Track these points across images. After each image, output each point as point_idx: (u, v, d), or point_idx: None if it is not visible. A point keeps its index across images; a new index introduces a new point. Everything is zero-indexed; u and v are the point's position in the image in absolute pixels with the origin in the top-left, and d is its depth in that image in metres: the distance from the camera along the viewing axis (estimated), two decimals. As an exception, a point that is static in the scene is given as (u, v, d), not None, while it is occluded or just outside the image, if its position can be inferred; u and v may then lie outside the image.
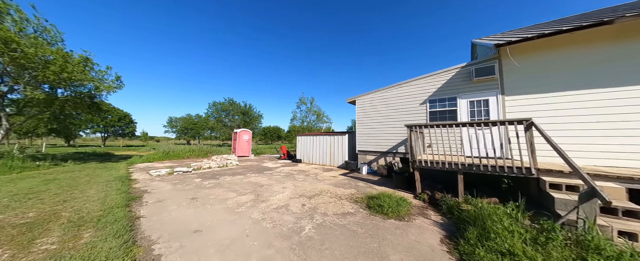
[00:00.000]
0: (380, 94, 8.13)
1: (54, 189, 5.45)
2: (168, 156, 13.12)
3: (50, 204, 4.27)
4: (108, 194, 5.01)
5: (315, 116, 23.06)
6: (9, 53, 7.01)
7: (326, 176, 7.53)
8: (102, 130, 38.76)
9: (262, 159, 13.94)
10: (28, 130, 19.71)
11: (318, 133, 10.99)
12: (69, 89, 10.59)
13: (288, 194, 5.13)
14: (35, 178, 7.03)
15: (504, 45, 4.85)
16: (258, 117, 41.36)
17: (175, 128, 61.45)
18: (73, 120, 16.18)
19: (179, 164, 10.99)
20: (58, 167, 9.85)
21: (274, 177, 7.37)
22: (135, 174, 7.93)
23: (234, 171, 8.73)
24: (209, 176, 7.50)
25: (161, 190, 5.61)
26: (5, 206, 4.09)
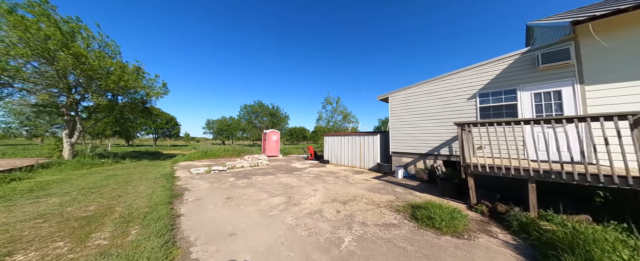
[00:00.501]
0: (416, 89, 7.38)
1: (113, 185, 6.02)
2: (206, 155, 13.99)
3: (107, 199, 4.66)
4: (154, 191, 5.33)
5: (341, 116, 22.50)
6: (80, 66, 8.13)
7: (358, 179, 7.08)
8: (153, 131, 43.76)
9: (290, 159, 14.01)
10: (98, 132, 23.08)
11: (346, 133, 10.53)
12: (126, 96, 11.98)
13: (320, 197, 4.85)
14: (100, 174, 7.96)
15: (586, 21, 3.87)
16: (285, 119, 42.35)
17: (212, 130, 66.67)
18: (131, 123, 18.42)
19: (215, 163, 11.58)
20: (118, 164, 11.16)
21: (303, 178, 7.19)
22: (178, 172, 8.49)
23: (264, 171, 8.81)
24: (242, 176, 7.65)
25: (199, 188, 5.81)
26: (73, 199, 4.57)
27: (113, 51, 9.80)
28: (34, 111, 10.30)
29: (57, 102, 9.54)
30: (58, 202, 4.36)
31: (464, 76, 6.19)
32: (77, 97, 9.70)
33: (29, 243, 2.72)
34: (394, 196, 4.92)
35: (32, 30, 7.06)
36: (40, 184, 5.93)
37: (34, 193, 5.08)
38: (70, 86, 9.27)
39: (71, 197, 4.73)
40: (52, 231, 3.05)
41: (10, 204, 4.18)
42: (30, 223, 3.32)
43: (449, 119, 6.40)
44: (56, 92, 9.03)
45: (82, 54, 7.82)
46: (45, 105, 9.50)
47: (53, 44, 7.41)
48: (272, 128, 42.84)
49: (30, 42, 7.14)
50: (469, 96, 6.04)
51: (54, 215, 3.68)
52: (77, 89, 9.51)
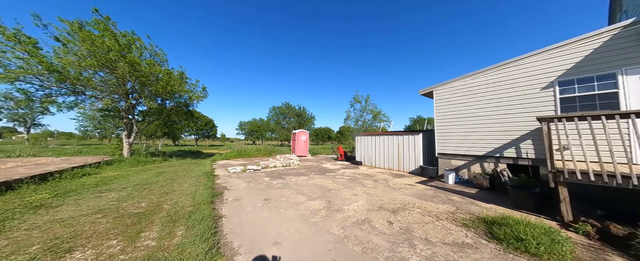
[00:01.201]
0: (469, 81, 6.35)
1: (161, 182, 6.33)
2: (241, 155, 14.47)
3: (157, 195, 4.81)
4: (197, 189, 5.40)
5: (370, 114, 21.26)
6: (135, 73, 8.93)
7: (400, 183, 6.35)
8: (194, 133, 47.81)
9: (319, 159, 13.69)
10: (151, 133, 25.79)
11: (381, 133, 9.76)
12: (172, 101, 12.98)
13: (363, 204, 4.33)
14: (151, 171, 8.59)
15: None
16: (311, 119, 42.47)
17: (244, 130, 70.53)
18: (176, 125, 20.13)
19: (250, 162, 11.81)
20: (166, 162, 12.11)
21: (338, 180, 6.73)
22: (217, 170, 8.76)
23: (297, 171, 8.58)
24: (276, 176, 7.51)
25: (238, 188, 5.76)
26: (128, 195, 4.81)
27: (161, 59, 10.66)
28: (102, 115, 11.71)
29: (118, 106, 10.70)
30: (116, 197, 4.61)
31: (536, 62, 5.05)
32: (133, 102, 10.78)
33: (87, 240, 2.75)
34: (452, 206, 4.15)
35: (97, 44, 7.95)
36: (104, 180, 6.51)
37: (98, 187, 5.54)
38: (127, 92, 10.30)
39: (127, 193, 5.00)
40: (108, 228, 3.09)
41: (79, 198, 4.53)
42: (92, 218, 3.46)
43: (515, 114, 5.31)
44: (117, 98, 10.12)
45: (136, 62, 8.60)
46: (109, 109, 10.76)
47: (113, 55, 8.25)
48: (299, 129, 43.41)
49: (96, 54, 8.05)
50: (543, 84, 4.90)
51: (111, 210, 3.83)
52: (133, 95, 10.55)
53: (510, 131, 5.36)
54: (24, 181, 5.25)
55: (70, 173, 6.85)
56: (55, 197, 4.54)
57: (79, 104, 9.90)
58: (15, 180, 5.05)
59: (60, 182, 5.98)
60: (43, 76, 8.27)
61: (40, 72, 8.15)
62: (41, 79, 8.36)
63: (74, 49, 8.18)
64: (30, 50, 7.48)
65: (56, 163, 8.10)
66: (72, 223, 3.26)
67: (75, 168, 7.23)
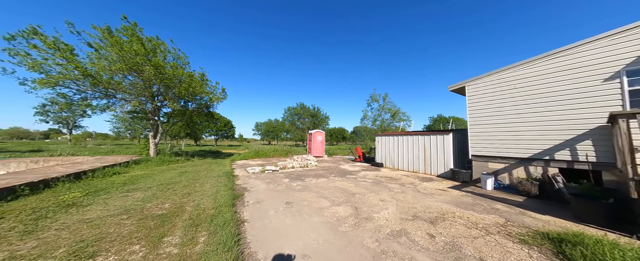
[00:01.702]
0: (510, 73, 5.64)
1: (184, 182, 6.34)
2: (258, 155, 14.52)
3: (179, 196, 4.74)
4: (219, 190, 5.28)
5: (389, 114, 20.26)
6: (160, 76, 9.20)
7: (430, 188, 5.80)
8: (214, 133, 49.58)
9: (336, 160, 13.30)
10: (174, 134, 27.02)
11: (404, 133, 9.15)
12: (194, 102, 13.34)
13: (394, 211, 3.90)
14: (175, 170, 8.76)
15: None
16: (325, 119, 42.12)
17: (260, 131, 72.04)
18: (198, 126, 20.83)
19: (267, 163, 11.74)
20: (189, 161, 12.43)
21: (361, 183, 6.32)
22: (236, 171, 8.72)
23: (315, 172, 8.28)
24: (295, 177, 7.27)
25: (258, 189, 5.58)
26: (153, 195, 4.79)
27: (183, 62, 10.94)
28: (131, 117, 12.28)
29: (145, 108, 11.15)
30: (141, 197, 4.61)
31: (594, 49, 4.29)
32: (158, 104, 11.19)
33: (111, 243, 2.64)
34: (500, 217, 3.59)
35: (126, 48, 8.28)
36: (131, 179, 6.66)
37: (126, 186, 5.63)
38: (153, 94, 10.70)
39: (152, 193, 5.00)
40: (131, 231, 2.98)
41: (108, 198, 4.58)
42: (117, 219, 3.40)
43: (569, 110, 4.57)
44: (144, 100, 10.53)
45: (161, 65, 8.87)
46: (137, 111, 11.25)
47: (140, 59, 8.55)
48: (313, 129, 43.32)
49: (125, 59, 8.39)
50: (606, 75, 4.13)
51: (136, 211, 3.77)
52: (158, 97, 10.95)
53: (563, 130, 4.62)
54: (60, 180, 5.46)
55: (102, 171, 7.12)
56: (87, 196, 4.63)
57: (110, 107, 10.43)
58: (52, 179, 5.26)
59: (93, 181, 6.20)
60: (79, 80, 8.78)
61: (76, 77, 8.66)
62: (77, 84, 8.89)
63: (105, 54, 8.59)
64: (67, 56, 7.96)
65: (90, 162, 8.53)
66: (99, 223, 3.21)
67: (106, 167, 7.52)
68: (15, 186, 4.35)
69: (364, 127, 20.68)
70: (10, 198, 4.15)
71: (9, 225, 3.09)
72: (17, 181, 4.58)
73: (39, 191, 4.74)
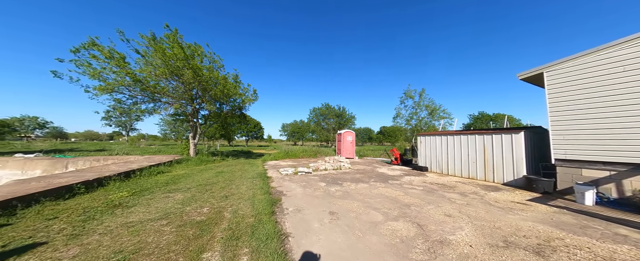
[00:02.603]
0: (619, 51, 4.22)
1: (221, 183, 6.17)
2: (288, 155, 14.31)
3: (217, 200, 4.46)
4: (255, 194, 4.92)
5: (426, 111, 18.12)
6: (197, 78, 9.45)
7: (501, 200, 4.65)
8: (245, 134, 51.98)
9: (369, 162, 12.35)
10: (211, 135, 28.71)
11: (456, 132, 7.86)
12: (228, 104, 13.69)
13: (472, 232, 3.00)
14: (212, 170, 8.85)
15: None
16: (351, 119, 40.83)
17: (286, 132, 73.70)
18: (231, 128, 21.67)
19: (298, 164, 11.36)
20: (224, 161, 12.73)
21: (410, 191, 5.41)
22: (269, 172, 8.45)
23: (352, 176, 7.54)
24: (331, 181, 6.64)
25: (294, 194, 5.09)
26: (192, 197, 4.60)
27: (218, 65, 11.21)
28: (174, 119, 13.04)
29: (185, 111, 11.69)
30: (181, 199, 4.43)
31: None
32: (197, 107, 11.66)
33: (148, 257, 2.30)
34: (638, 249, 2.45)
35: (168, 54, 8.64)
36: (173, 178, 6.75)
37: (167, 186, 5.63)
38: (192, 97, 11.14)
39: (191, 194, 4.84)
40: (170, 242, 2.65)
41: (151, 198, 4.51)
42: (157, 225, 3.15)
43: None
44: (184, 103, 11.03)
45: (198, 68, 9.12)
46: (178, 114, 11.89)
47: (180, 63, 8.86)
48: (339, 129, 42.43)
49: (167, 63, 8.78)
50: None
51: (176, 216, 3.52)
52: (196, 100, 11.39)
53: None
54: (112, 178, 5.67)
55: (148, 170, 7.41)
56: (132, 196, 4.62)
57: (156, 110, 11.13)
58: (105, 177, 5.47)
59: (140, 179, 6.40)
60: (130, 86, 9.46)
61: (129, 84, 9.35)
62: (129, 89, 9.60)
63: (151, 60, 9.11)
64: (120, 64, 8.59)
65: (139, 161, 9.08)
66: (139, 230, 2.97)
67: (152, 167, 7.84)
68: (73, 184, 4.51)
69: (396, 127, 18.87)
70: (68, 196, 4.29)
71: (59, 226, 3.02)
72: (75, 180, 4.78)
73: (93, 190, 4.91)
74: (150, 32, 9.00)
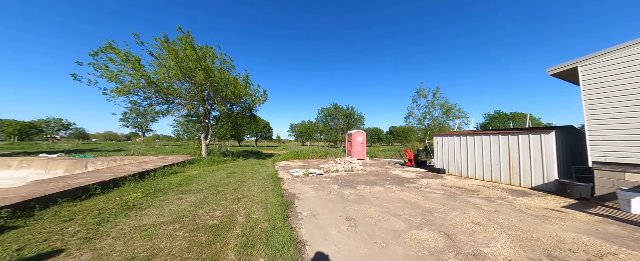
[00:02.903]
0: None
1: (232, 184, 6.08)
2: (298, 156, 14.17)
3: (229, 202, 4.34)
4: (267, 196, 4.77)
5: (440, 110, 17.22)
6: (209, 79, 9.50)
7: (533, 206, 4.24)
8: (254, 135, 52.58)
9: (381, 163, 11.98)
10: (221, 135, 29.17)
11: (475, 132, 7.39)
12: (238, 105, 13.74)
13: (508, 244, 2.68)
14: (223, 170, 8.83)
15: None
16: (360, 119, 40.24)
17: (294, 132, 73.98)
18: (242, 128, 21.88)
19: (308, 164, 11.18)
20: (235, 161, 12.78)
21: (430, 196, 5.08)
22: (280, 173, 8.32)
23: (365, 178, 7.26)
24: (344, 183, 6.39)
25: (307, 197, 4.90)
26: (204, 199, 4.50)
27: (229, 66, 11.27)
28: (186, 120, 13.22)
29: (198, 112, 11.83)
30: (193, 201, 4.35)
31: None
32: (208, 108, 11.77)
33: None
34: None
35: (180, 56, 8.73)
36: (186, 179, 6.75)
37: (180, 187, 5.59)
38: (204, 98, 11.25)
39: (203, 196, 4.75)
40: (182, 248, 2.52)
41: (164, 200, 4.45)
42: (170, 229, 3.04)
43: None
44: (196, 104, 11.16)
45: (209, 69, 9.18)
46: (191, 115, 12.06)
47: (192, 64, 8.94)
48: (348, 129, 41.96)
49: (179, 65, 8.88)
50: None
51: (188, 219, 3.41)
52: (208, 101, 11.49)
53: None
54: (127, 179, 5.71)
55: (162, 171, 7.46)
56: (146, 197, 4.60)
57: (169, 111, 11.32)
58: (120, 178, 5.50)
59: (154, 180, 6.43)
60: (145, 88, 9.65)
61: (143, 86, 9.54)
62: (144, 91, 9.79)
63: (164, 62, 9.25)
64: (135, 66, 8.77)
65: (154, 162, 9.21)
66: (152, 234, 2.87)
67: (165, 167, 7.91)
68: (89, 185, 4.54)
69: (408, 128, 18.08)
70: (85, 197, 4.31)
71: (74, 229, 2.98)
72: (92, 180, 4.81)
73: (109, 190, 4.94)
74: (163, 35, 9.14)
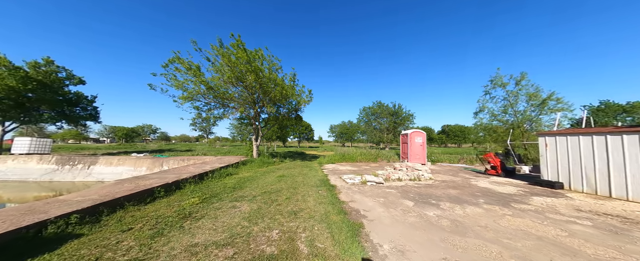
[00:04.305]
0: None
1: (285, 190, 5.44)
2: (344, 158, 13.12)
3: (286, 217, 3.61)
4: (327, 212, 3.85)
5: (527, 102, 12.59)
6: (258, 80, 9.44)
7: None
8: (297, 136, 54.21)
9: (451, 170, 9.77)
10: (268, 137, 30.65)
11: (624, 129, 4.78)
12: (285, 107, 13.64)
13: None
14: (273, 173, 8.51)
15: None
16: (409, 117, 36.22)
17: (334, 133, 73.32)
18: (287, 130, 22.25)
19: (359, 169, 9.99)
20: (282, 163, 12.65)
21: (571, 228, 3.26)
22: (331, 178, 7.41)
23: (445, 192, 5.60)
24: (418, 198, 4.96)
25: (378, 216, 3.76)
26: (258, 211, 3.89)
27: (276, 67, 11.13)
28: (239, 123, 13.85)
29: (249, 115, 12.15)
30: (247, 213, 3.77)
31: None
32: (258, 110, 11.95)
33: None
34: None
35: (232, 60, 8.91)
36: (240, 182, 6.52)
37: (234, 192, 5.25)
38: (255, 101, 11.40)
39: (257, 206, 4.18)
40: (234, 301, 1.74)
41: (218, 207, 4.05)
42: (221, 255, 2.40)
43: None
44: (248, 107, 11.43)
45: (259, 69, 9.11)
46: (243, 118, 12.53)
47: (243, 67, 9.01)
48: (393, 130, 38.60)
49: (232, 69, 9.08)
50: None
51: (242, 240, 2.75)
52: (258, 103, 11.66)
53: None
54: (188, 181, 5.73)
55: (219, 172, 7.53)
56: (202, 203, 4.30)
57: (225, 115, 11.93)
58: (182, 180, 5.52)
59: (211, 182, 6.40)
60: (205, 94, 10.29)
61: (204, 92, 10.18)
62: (204, 97, 10.48)
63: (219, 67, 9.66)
64: (196, 73, 9.38)
65: (212, 162, 9.64)
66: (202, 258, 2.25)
67: (222, 168, 8.01)
68: (154, 188, 4.52)
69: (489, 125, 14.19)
70: (149, 200, 4.26)
71: (128, 244, 2.64)
72: (158, 183, 4.85)
73: (171, 193, 4.91)
74: (218, 39, 9.55)
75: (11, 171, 12.37)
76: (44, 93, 15.17)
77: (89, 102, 19.77)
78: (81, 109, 19.32)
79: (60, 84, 17.00)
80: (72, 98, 18.25)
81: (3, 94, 13.28)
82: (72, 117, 18.65)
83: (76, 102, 18.66)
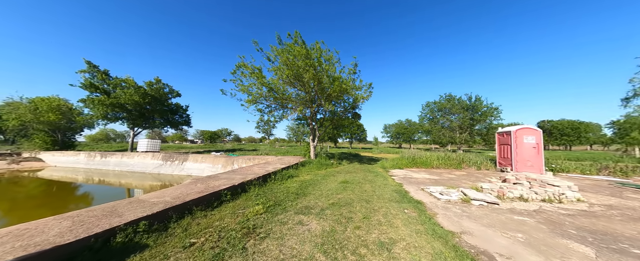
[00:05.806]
0: None
1: (357, 204, 4.34)
2: (415, 163, 10.93)
3: (374, 253, 2.48)
4: (436, 251, 2.48)
5: None
6: (317, 75, 8.83)
7: None
8: (349, 136, 52.76)
9: (598, 186, 6.35)
10: (322, 138, 30.59)
11: None
12: (340, 105, 12.67)
13: None
14: (333, 177, 7.60)
15: None
16: (491, 112, 28.76)
17: (389, 133, 67.62)
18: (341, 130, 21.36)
19: (440, 178, 7.85)
20: (340, 165, 11.69)
21: None
22: (410, 190, 5.82)
23: (622, 228, 3.18)
24: (590, 238, 2.87)
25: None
26: (331, 235, 2.93)
27: (334, 60, 10.29)
28: (296, 124, 13.83)
29: (306, 115, 11.82)
30: (319, 236, 2.86)
31: None
32: (315, 109, 11.45)
33: None
34: None
35: (290, 55, 8.61)
36: (302, 186, 5.88)
37: (299, 200, 4.53)
38: (312, 100, 10.91)
39: (329, 225, 3.23)
40: None
41: (283, 222, 3.32)
42: None
43: None
44: (305, 107, 11.08)
45: (318, 62, 8.47)
46: (300, 118, 12.37)
47: (302, 62, 8.57)
48: (468, 128, 31.78)
49: (291, 65, 8.79)
50: None
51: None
52: (315, 102, 11.14)
53: None
54: (253, 183, 5.45)
55: (281, 174, 7.19)
56: (266, 213, 3.70)
57: (284, 115, 11.98)
58: (247, 182, 5.26)
59: (273, 185, 6.00)
60: (266, 96, 10.51)
61: (265, 94, 10.41)
62: (266, 99, 10.72)
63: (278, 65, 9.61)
64: (258, 75, 9.61)
65: (274, 163, 9.62)
66: None
67: (283, 170, 7.70)
68: (221, 191, 4.28)
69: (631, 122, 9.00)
70: (216, 204, 3.99)
71: (186, 272, 2.10)
72: (225, 185, 4.66)
73: (237, 196, 4.62)
74: (276, 36, 9.53)
75: (136, 165, 16.43)
76: (155, 105, 19.85)
77: (184, 110, 24.76)
78: (178, 117, 24.36)
79: (165, 97, 21.91)
80: (173, 108, 23.26)
81: (132, 106, 18.07)
82: (173, 123, 23.80)
83: (175, 111, 23.68)
